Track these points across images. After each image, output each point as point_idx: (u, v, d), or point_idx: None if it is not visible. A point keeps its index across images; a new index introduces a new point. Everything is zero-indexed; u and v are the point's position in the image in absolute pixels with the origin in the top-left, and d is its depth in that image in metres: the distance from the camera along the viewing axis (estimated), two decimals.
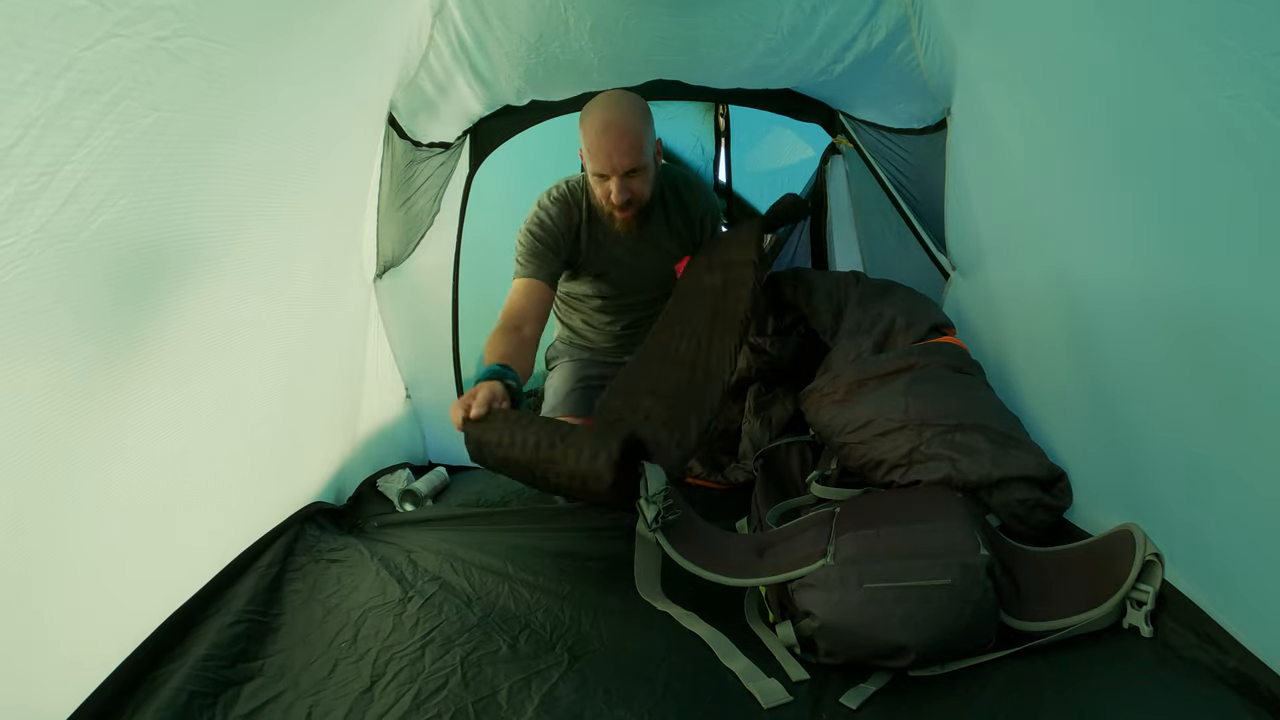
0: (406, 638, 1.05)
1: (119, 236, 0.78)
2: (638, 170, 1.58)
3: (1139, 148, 0.95)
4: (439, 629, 1.07)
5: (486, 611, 1.12)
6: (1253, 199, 0.76)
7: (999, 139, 1.38)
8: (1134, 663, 0.94)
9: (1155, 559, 1.00)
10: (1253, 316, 0.79)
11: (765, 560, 1.12)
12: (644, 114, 1.59)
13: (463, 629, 1.07)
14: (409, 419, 2.00)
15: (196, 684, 0.93)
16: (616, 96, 1.60)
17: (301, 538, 1.32)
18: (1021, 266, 1.41)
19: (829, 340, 1.70)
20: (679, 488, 1.35)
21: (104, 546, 0.89)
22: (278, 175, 1.12)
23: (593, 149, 1.55)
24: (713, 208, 1.87)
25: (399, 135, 1.67)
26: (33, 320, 0.70)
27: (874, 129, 1.94)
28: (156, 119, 0.77)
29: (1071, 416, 1.27)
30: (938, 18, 1.43)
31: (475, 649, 1.02)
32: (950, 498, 1.16)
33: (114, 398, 0.85)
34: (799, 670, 0.98)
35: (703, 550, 1.15)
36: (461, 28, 1.55)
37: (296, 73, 1.07)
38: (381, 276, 1.85)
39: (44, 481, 0.77)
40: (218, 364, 1.08)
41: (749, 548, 1.19)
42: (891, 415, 1.36)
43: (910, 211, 1.99)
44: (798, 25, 1.59)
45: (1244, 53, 0.71)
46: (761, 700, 0.93)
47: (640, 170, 1.58)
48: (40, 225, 0.66)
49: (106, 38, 0.66)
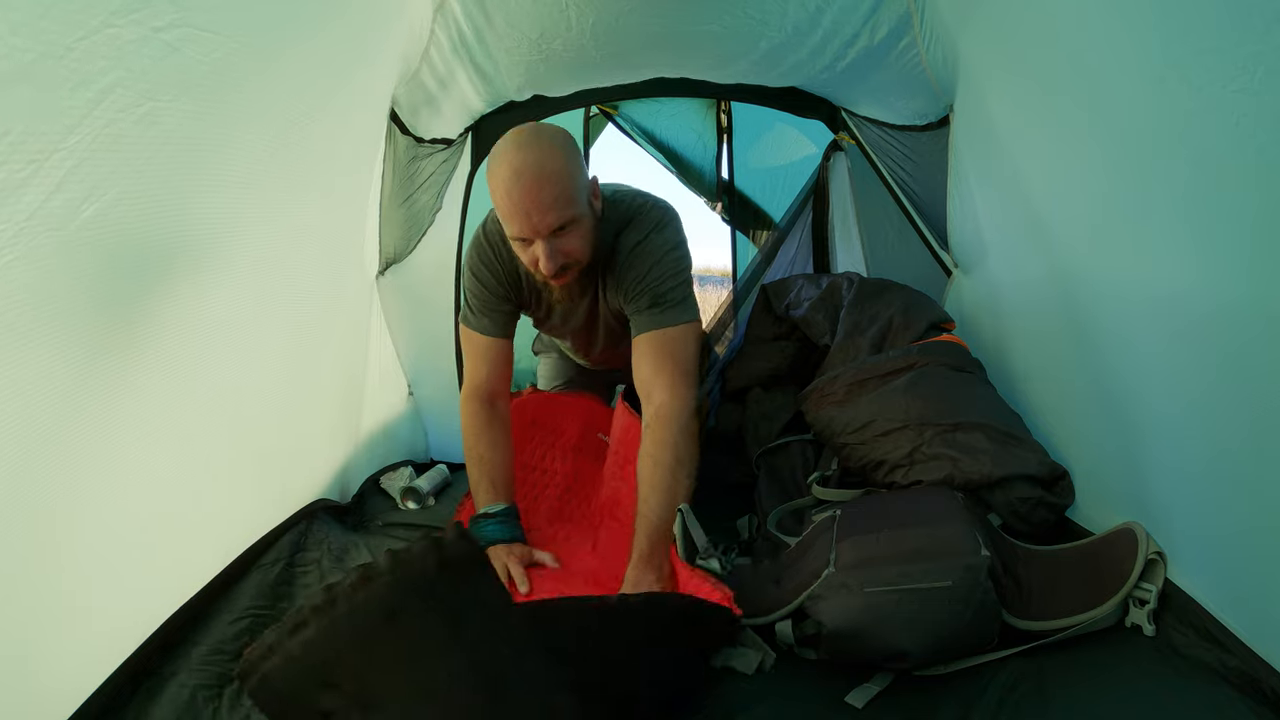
0: None
1: (112, 227, 0.78)
2: (569, 224, 1.21)
3: (1142, 144, 0.94)
4: None
5: None
6: (1256, 196, 0.75)
7: (1001, 136, 1.37)
8: (1136, 661, 0.93)
9: (1158, 557, 1.00)
10: (1255, 313, 0.79)
11: (784, 586, 1.09)
12: (568, 149, 1.23)
13: None
14: (411, 416, 2.00)
15: (201, 678, 0.94)
16: (527, 135, 1.21)
17: (306, 535, 1.32)
18: (1024, 264, 1.40)
19: (827, 342, 1.70)
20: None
21: (105, 542, 0.89)
22: (277, 170, 1.12)
23: (504, 209, 1.19)
24: (670, 273, 1.35)
25: (401, 131, 1.67)
26: (25, 309, 0.70)
27: (876, 126, 1.93)
28: (150, 109, 0.76)
29: (1073, 414, 1.26)
30: (940, 15, 1.42)
31: None
32: (950, 498, 1.15)
33: (112, 391, 0.85)
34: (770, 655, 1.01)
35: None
36: (462, 22, 1.54)
37: (296, 65, 1.07)
38: (384, 273, 1.85)
39: (40, 475, 0.76)
40: (217, 360, 1.08)
41: (767, 578, 1.16)
42: (892, 415, 1.35)
43: (912, 208, 1.98)
44: (801, 22, 1.58)
45: (1249, 46, 0.71)
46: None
47: (574, 223, 1.22)
48: (30, 212, 0.66)
49: (102, 27, 0.66)
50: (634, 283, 1.35)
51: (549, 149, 1.19)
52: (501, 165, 1.18)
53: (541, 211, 1.17)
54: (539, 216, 1.17)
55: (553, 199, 1.17)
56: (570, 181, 1.20)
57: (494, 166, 1.20)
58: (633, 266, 1.35)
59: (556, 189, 1.17)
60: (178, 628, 1.01)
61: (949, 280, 1.87)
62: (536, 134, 1.22)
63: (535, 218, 1.17)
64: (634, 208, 1.39)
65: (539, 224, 1.18)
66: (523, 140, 1.20)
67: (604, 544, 1.34)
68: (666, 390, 1.30)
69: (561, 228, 1.20)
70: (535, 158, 1.17)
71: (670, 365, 1.31)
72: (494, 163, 1.20)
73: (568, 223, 1.21)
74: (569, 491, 1.57)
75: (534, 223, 1.18)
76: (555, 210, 1.18)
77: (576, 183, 1.22)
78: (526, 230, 1.19)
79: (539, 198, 1.16)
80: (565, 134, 1.25)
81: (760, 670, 0.98)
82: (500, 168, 1.18)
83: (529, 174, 1.16)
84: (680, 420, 1.26)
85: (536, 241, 1.21)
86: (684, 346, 1.34)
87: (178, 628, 1.01)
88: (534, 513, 1.48)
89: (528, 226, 1.18)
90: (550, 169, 1.18)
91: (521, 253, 1.25)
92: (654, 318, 1.34)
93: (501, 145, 1.21)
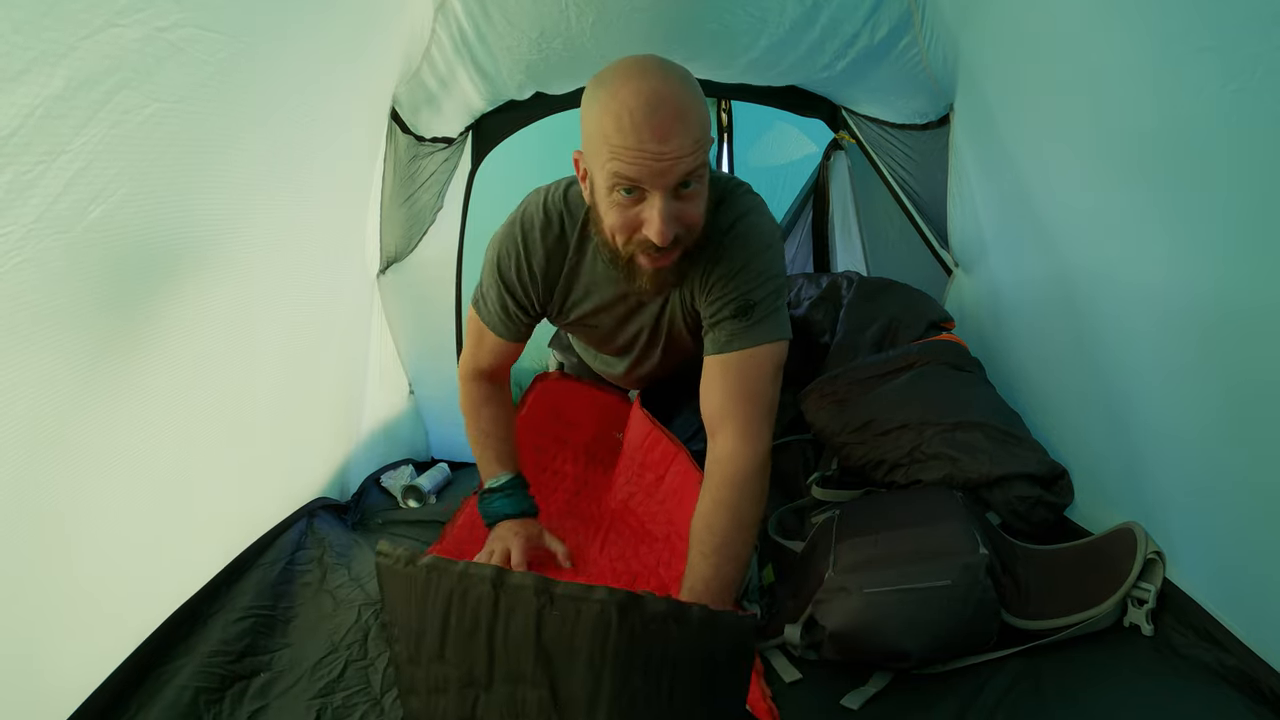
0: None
1: (118, 228, 0.78)
2: (696, 179, 0.97)
3: (1142, 143, 0.94)
4: None
5: None
6: (1256, 195, 0.75)
7: (1002, 135, 1.37)
8: (1135, 661, 0.93)
9: (1156, 557, 1.00)
10: (1255, 313, 0.79)
11: (799, 597, 1.08)
12: (698, 88, 0.99)
13: None
14: (412, 415, 2.01)
15: (203, 680, 0.93)
16: (655, 62, 0.97)
17: (306, 533, 1.32)
18: (1024, 263, 1.41)
19: (827, 341, 1.70)
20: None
21: (108, 542, 0.89)
22: (279, 169, 1.12)
23: (624, 145, 0.92)
24: (766, 277, 1.12)
25: (402, 130, 1.67)
26: (32, 311, 0.70)
27: (877, 125, 1.93)
28: (156, 109, 0.77)
29: (1073, 413, 1.26)
30: (940, 14, 1.42)
31: None
32: (949, 497, 1.15)
33: (114, 391, 0.85)
34: (792, 672, 0.99)
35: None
36: (463, 21, 1.55)
37: (298, 65, 1.07)
38: (385, 272, 1.85)
39: (42, 475, 0.77)
40: (220, 359, 1.08)
41: (785, 594, 1.15)
42: (891, 414, 1.35)
43: (912, 207, 1.98)
44: (799, 19, 1.58)
45: (1249, 46, 0.71)
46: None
47: (699, 180, 0.98)
48: (38, 214, 0.66)
49: (106, 27, 0.66)
50: (721, 281, 1.11)
51: (686, 80, 0.96)
52: (625, 89, 0.91)
53: (679, 152, 0.92)
54: (674, 158, 0.92)
55: (694, 141, 0.93)
56: (704, 127, 0.96)
57: (613, 91, 0.93)
58: (724, 259, 1.11)
59: (698, 130, 0.94)
60: (178, 628, 1.01)
61: (949, 279, 1.88)
62: (666, 64, 0.97)
63: (670, 159, 0.91)
64: (723, 183, 1.15)
65: (670, 169, 0.92)
66: (651, 66, 0.94)
67: (612, 545, 1.34)
68: (738, 436, 1.09)
69: (686, 185, 0.96)
70: (676, 87, 0.93)
71: (747, 402, 1.10)
72: (610, 87, 0.93)
73: (696, 176, 0.96)
74: (578, 495, 1.57)
75: (665, 166, 0.92)
76: (694, 154, 0.94)
77: (707, 128, 0.97)
78: (650, 176, 0.93)
79: (679, 132, 0.91)
80: (688, 72, 0.99)
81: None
82: (624, 92, 0.91)
83: (672, 102, 0.91)
84: (749, 480, 1.08)
85: (651, 197, 0.95)
86: (769, 373, 1.12)
87: (178, 628, 1.01)
88: (543, 511, 1.48)
89: (656, 171, 0.92)
90: (691, 102, 0.94)
91: (615, 213, 0.98)
92: (739, 332, 1.11)
93: (621, 71, 0.95)
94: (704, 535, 1.04)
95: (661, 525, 1.32)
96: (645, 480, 1.43)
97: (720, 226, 1.11)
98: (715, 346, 1.13)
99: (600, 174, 0.97)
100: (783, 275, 1.16)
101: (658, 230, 0.96)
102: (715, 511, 1.06)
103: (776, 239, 1.16)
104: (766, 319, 1.11)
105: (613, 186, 0.96)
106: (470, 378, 1.34)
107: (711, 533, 1.04)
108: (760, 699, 0.92)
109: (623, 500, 1.46)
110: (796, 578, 1.13)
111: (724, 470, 1.08)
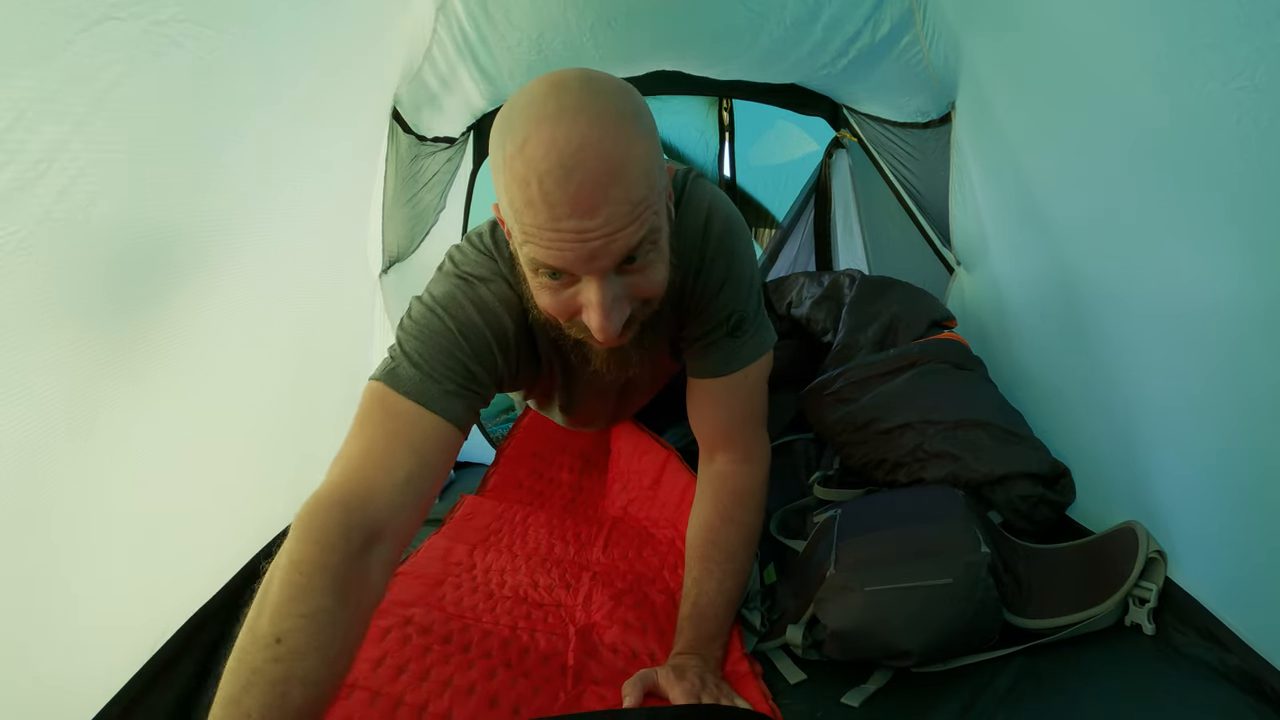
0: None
1: (119, 227, 0.78)
2: (645, 247, 0.72)
3: (1143, 142, 0.94)
4: None
5: None
6: (1257, 194, 0.75)
7: (1004, 133, 1.37)
8: (1136, 660, 0.93)
9: (1158, 556, 0.99)
10: (1256, 312, 0.78)
11: (800, 598, 1.08)
12: (640, 114, 0.71)
13: None
14: None
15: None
16: (575, 92, 0.67)
17: None
18: (1026, 261, 1.40)
19: (829, 340, 1.70)
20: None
21: (119, 545, 0.89)
22: (280, 168, 1.12)
23: (536, 224, 0.68)
24: (749, 280, 0.99)
25: (403, 129, 1.67)
26: (36, 310, 0.70)
27: (878, 123, 1.93)
28: (157, 105, 0.76)
29: (1075, 412, 1.26)
30: (942, 12, 1.42)
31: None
32: (951, 495, 1.15)
33: (119, 394, 0.85)
34: (796, 673, 0.99)
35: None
36: (464, 21, 1.55)
37: (299, 63, 1.07)
38: (387, 271, 1.85)
39: (51, 478, 0.76)
40: (224, 359, 1.08)
41: (787, 595, 1.15)
42: (893, 413, 1.35)
43: (914, 205, 1.98)
44: (800, 17, 1.58)
45: (1251, 43, 0.70)
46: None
47: (651, 245, 0.73)
48: (44, 212, 0.66)
49: (102, 19, 0.66)
50: (709, 298, 0.95)
51: (619, 115, 0.68)
52: (533, 141, 0.65)
53: (611, 226, 0.67)
54: (604, 235, 0.67)
55: (632, 206, 0.68)
56: (649, 177, 0.70)
57: (519, 143, 0.66)
58: (705, 271, 0.93)
59: (638, 188, 0.68)
60: (190, 636, 1.00)
61: (951, 278, 1.87)
62: (591, 89, 0.68)
63: (598, 236, 0.67)
64: (676, 177, 0.95)
65: (602, 249, 0.68)
66: (570, 102, 0.66)
67: (615, 546, 1.33)
68: (741, 458, 1.05)
69: (632, 259, 0.72)
70: (601, 131, 0.66)
71: (749, 422, 1.04)
72: (516, 134, 0.67)
73: (644, 248, 0.72)
74: (574, 502, 1.57)
75: (594, 248, 0.68)
76: (636, 223, 0.69)
77: (655, 176, 0.72)
78: (577, 262, 0.69)
79: (610, 200, 0.66)
80: (628, 89, 0.72)
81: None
82: (531, 146, 0.65)
83: (594, 160, 0.65)
84: (754, 495, 1.06)
85: (585, 282, 0.72)
86: (763, 386, 1.05)
87: (190, 636, 1.00)
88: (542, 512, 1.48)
89: (582, 255, 0.68)
90: (625, 150, 0.67)
91: (549, 297, 0.75)
92: (734, 351, 0.99)
93: (531, 106, 0.67)
94: (709, 551, 1.02)
95: (665, 529, 1.32)
96: (641, 485, 1.43)
97: (693, 228, 0.93)
98: (709, 370, 1.02)
99: (519, 250, 0.74)
100: (756, 267, 1.02)
101: (599, 326, 0.73)
102: (723, 528, 1.03)
103: (744, 225, 1.01)
104: (758, 330, 1.03)
105: (533, 269, 0.73)
106: (331, 508, 0.78)
107: (718, 548, 1.02)
108: (761, 699, 0.92)
109: (622, 506, 1.46)
110: (798, 577, 1.13)
111: (730, 486, 1.06)
